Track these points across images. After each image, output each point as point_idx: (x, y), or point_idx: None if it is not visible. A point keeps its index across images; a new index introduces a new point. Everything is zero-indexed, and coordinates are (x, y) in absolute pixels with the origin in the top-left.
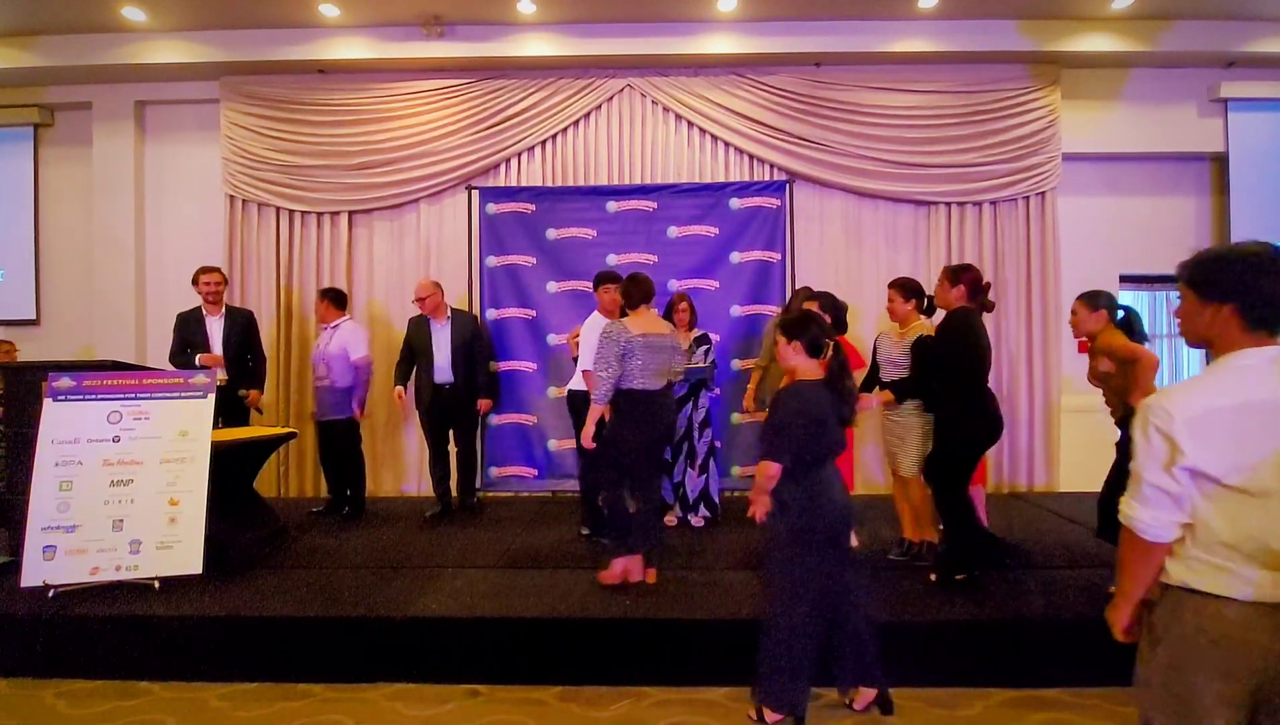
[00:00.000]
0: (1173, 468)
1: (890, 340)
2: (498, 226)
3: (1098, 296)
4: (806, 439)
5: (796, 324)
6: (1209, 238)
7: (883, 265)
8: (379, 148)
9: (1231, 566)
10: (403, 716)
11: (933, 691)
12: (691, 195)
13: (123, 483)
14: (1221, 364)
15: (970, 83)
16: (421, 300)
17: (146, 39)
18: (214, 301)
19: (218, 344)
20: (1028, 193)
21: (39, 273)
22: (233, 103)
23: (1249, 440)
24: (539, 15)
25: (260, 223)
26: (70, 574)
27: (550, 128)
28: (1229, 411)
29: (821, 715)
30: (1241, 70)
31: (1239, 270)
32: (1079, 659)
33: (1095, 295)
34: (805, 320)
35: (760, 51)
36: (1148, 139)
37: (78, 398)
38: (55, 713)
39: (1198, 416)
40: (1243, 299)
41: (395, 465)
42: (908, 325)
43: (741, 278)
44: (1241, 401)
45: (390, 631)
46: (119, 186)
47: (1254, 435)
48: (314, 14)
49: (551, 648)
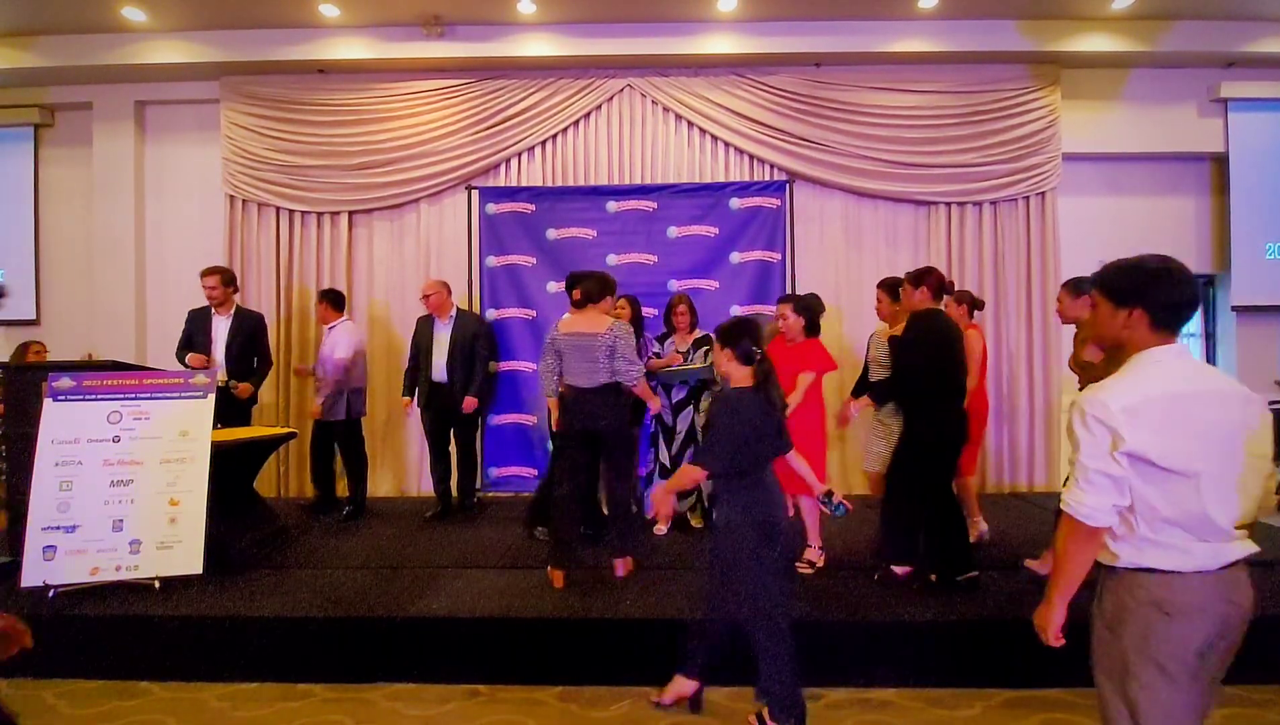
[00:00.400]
0: (1115, 452)
1: (879, 340)
2: (498, 226)
3: (1081, 283)
4: (741, 446)
5: (729, 332)
6: (1209, 238)
7: (883, 265)
8: (379, 148)
9: (1176, 542)
10: (403, 716)
11: (933, 692)
12: (691, 195)
13: (123, 483)
14: (1139, 360)
15: (970, 83)
16: (426, 297)
17: (146, 39)
18: (214, 304)
19: (220, 344)
20: (1028, 193)
21: (39, 273)
22: (233, 103)
23: (1175, 426)
24: (539, 15)
25: (260, 223)
26: (70, 574)
27: (550, 128)
28: (1158, 401)
29: (822, 715)
30: (1241, 70)
31: (1146, 279)
32: (1079, 659)
33: (1079, 282)
34: (737, 328)
35: (760, 51)
36: (1148, 139)
37: (78, 398)
38: (55, 713)
39: (1132, 406)
40: (1150, 304)
41: (395, 465)
42: (896, 325)
43: (742, 278)
44: (1165, 392)
45: (390, 631)
46: (119, 186)
47: (1179, 422)
48: (314, 14)
49: (551, 648)
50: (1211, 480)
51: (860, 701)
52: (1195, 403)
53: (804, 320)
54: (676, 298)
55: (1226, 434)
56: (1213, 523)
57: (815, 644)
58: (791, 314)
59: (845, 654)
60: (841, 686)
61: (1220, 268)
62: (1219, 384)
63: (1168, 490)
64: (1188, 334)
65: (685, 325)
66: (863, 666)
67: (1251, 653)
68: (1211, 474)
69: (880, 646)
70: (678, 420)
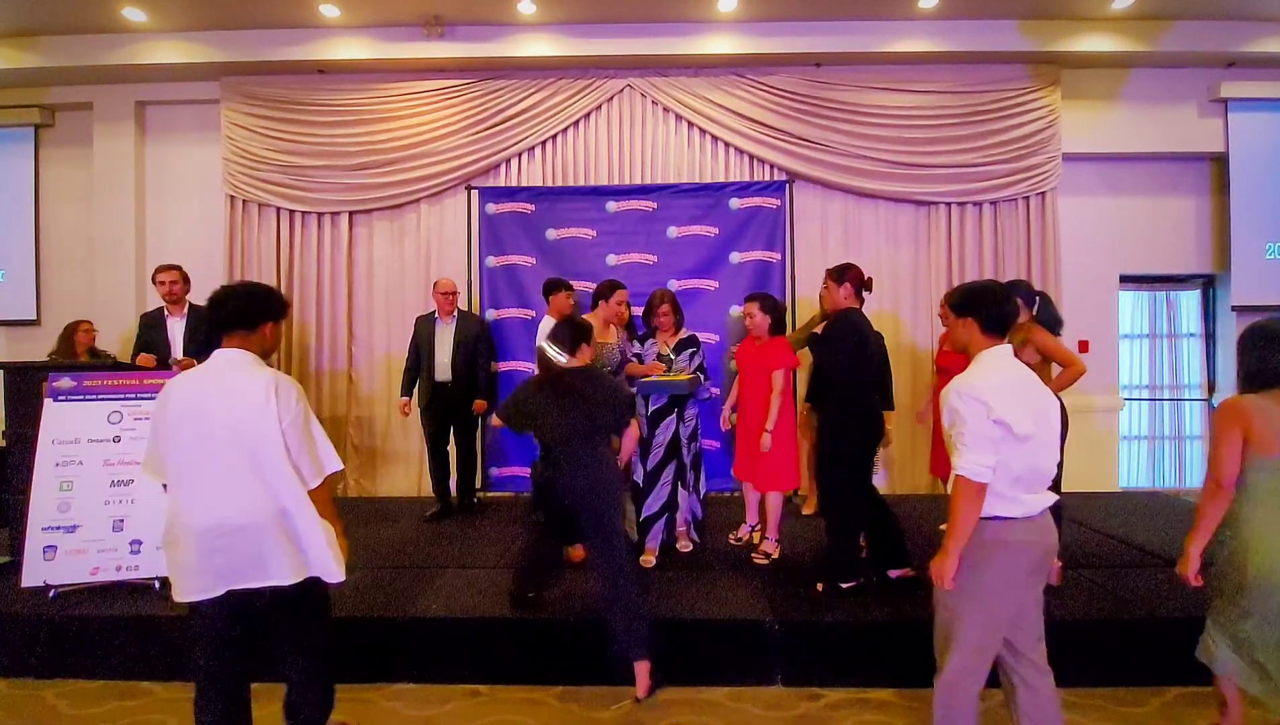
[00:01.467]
0: (989, 419)
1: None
2: (497, 227)
3: (1017, 286)
4: (525, 425)
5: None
6: (1209, 238)
7: (883, 265)
8: (379, 148)
9: (1014, 495)
10: (403, 716)
11: (933, 692)
12: (691, 195)
13: (123, 483)
14: (983, 357)
15: (970, 83)
16: (447, 294)
17: (147, 39)
18: (174, 301)
19: (178, 346)
20: (1028, 193)
21: (39, 273)
22: (233, 103)
23: (1019, 402)
24: (539, 15)
25: (260, 223)
26: (71, 574)
27: (550, 128)
28: (1005, 383)
29: (822, 715)
30: (1241, 70)
31: (978, 297)
32: (1080, 659)
33: (1014, 285)
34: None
35: (760, 52)
36: (1148, 139)
37: (78, 398)
38: (55, 713)
39: (992, 386)
40: (979, 315)
41: (395, 465)
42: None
43: (741, 278)
44: (1005, 378)
45: (390, 631)
46: (119, 186)
47: (1020, 399)
48: (314, 14)
49: (551, 648)
50: (1039, 443)
51: (860, 701)
52: (1025, 386)
53: (770, 319)
54: (659, 296)
55: (1043, 410)
56: (1042, 473)
57: (815, 644)
58: (759, 312)
59: (845, 654)
60: (841, 686)
61: (1220, 268)
62: (1028, 374)
63: (1019, 451)
64: (1187, 334)
65: (669, 326)
66: (862, 666)
67: None
68: (1039, 438)
69: (880, 646)
70: (656, 432)
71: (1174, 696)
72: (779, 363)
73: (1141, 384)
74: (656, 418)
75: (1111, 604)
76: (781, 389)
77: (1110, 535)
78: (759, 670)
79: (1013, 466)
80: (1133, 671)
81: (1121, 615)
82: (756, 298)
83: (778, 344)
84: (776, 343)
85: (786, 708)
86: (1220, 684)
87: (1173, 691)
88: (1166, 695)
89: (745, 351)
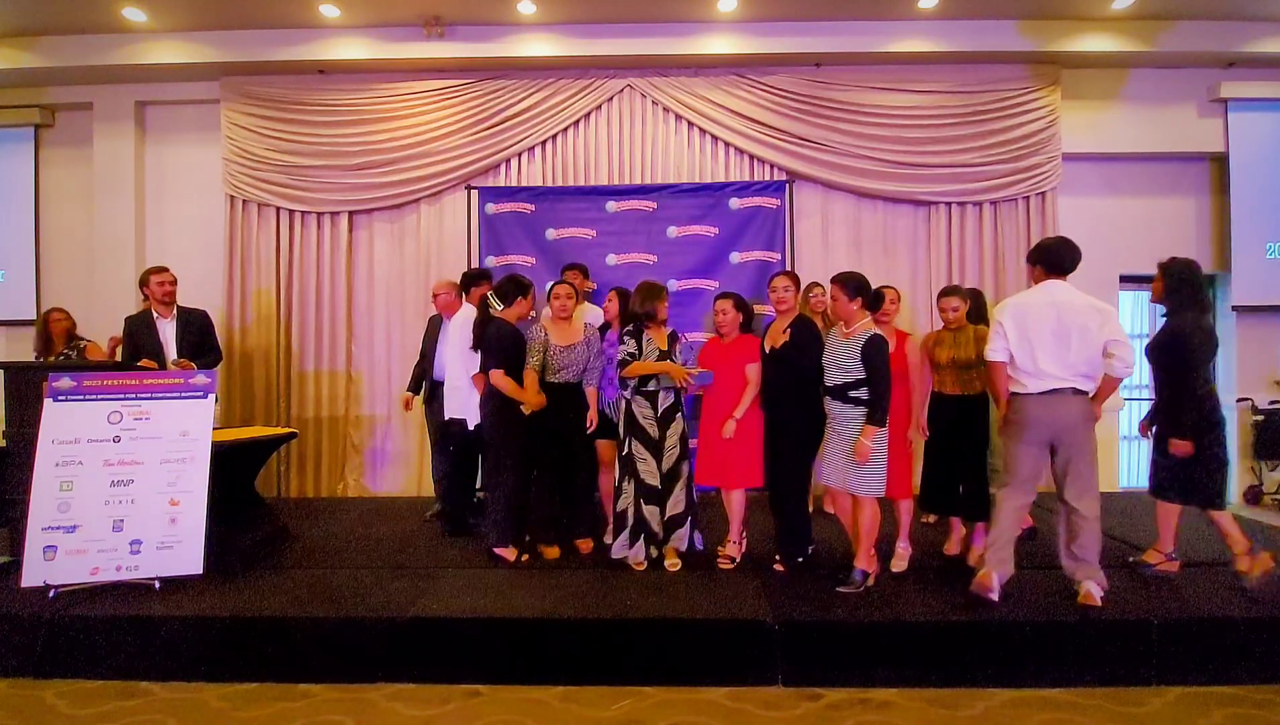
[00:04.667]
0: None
1: (836, 341)
2: (497, 226)
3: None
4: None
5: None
6: (1209, 238)
7: (883, 265)
8: (379, 148)
9: (1023, 378)
10: (403, 716)
11: (934, 692)
12: (691, 195)
13: (123, 483)
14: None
15: (970, 83)
16: (436, 296)
17: (147, 39)
18: (167, 302)
19: (171, 348)
20: (1028, 193)
21: (39, 273)
22: (233, 103)
23: (1023, 320)
24: (539, 15)
25: (260, 223)
26: (70, 574)
27: (550, 128)
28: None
29: (822, 715)
30: (1241, 70)
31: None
32: (1080, 659)
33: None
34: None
35: (760, 52)
36: (1147, 139)
37: (78, 398)
38: (55, 713)
39: (1014, 303)
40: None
41: (396, 464)
42: (853, 325)
43: (741, 278)
44: (1025, 300)
45: (390, 631)
46: (119, 186)
47: (1026, 318)
48: (314, 14)
49: (551, 648)
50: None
51: (860, 701)
52: (1038, 310)
53: (742, 316)
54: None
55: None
56: (1041, 371)
57: (815, 644)
58: (732, 310)
59: (845, 654)
60: (841, 686)
61: (1221, 267)
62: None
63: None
64: None
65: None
66: (863, 666)
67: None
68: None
69: (880, 646)
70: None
71: (1174, 696)
72: (752, 357)
73: (1142, 384)
74: (666, 418)
75: (1111, 604)
76: (755, 381)
77: (1110, 535)
78: (759, 670)
79: (1020, 359)
80: (1133, 671)
81: (1122, 615)
82: (730, 296)
83: (747, 340)
84: (746, 339)
85: (786, 708)
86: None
87: (1173, 692)
88: (1167, 695)
89: (712, 351)
